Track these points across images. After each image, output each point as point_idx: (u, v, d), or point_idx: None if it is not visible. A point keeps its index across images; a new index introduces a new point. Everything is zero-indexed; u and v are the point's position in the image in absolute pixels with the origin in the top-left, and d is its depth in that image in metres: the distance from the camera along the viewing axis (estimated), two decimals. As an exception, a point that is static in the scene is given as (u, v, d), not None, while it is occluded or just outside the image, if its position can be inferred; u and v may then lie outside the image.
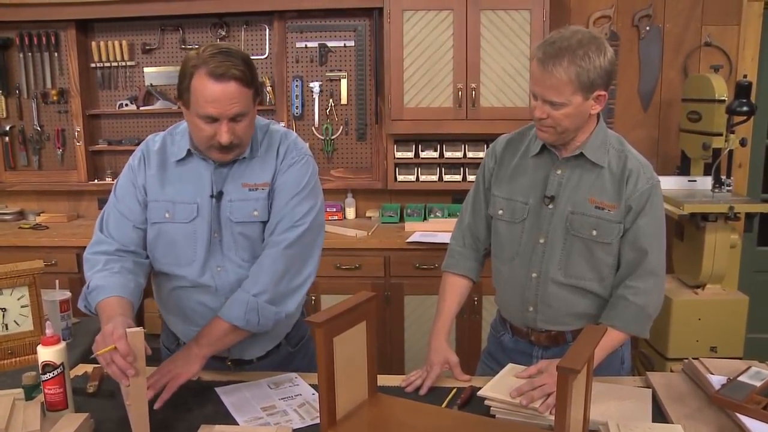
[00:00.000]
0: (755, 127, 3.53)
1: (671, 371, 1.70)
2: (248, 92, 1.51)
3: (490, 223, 1.77)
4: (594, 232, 1.59)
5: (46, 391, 1.47)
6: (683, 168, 3.37)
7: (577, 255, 1.62)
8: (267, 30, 3.60)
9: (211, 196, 1.61)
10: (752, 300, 3.61)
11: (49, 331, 1.50)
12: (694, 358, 1.65)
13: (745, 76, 2.94)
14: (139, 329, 1.33)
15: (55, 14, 3.49)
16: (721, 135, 2.97)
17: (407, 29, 3.27)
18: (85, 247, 3.42)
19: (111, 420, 1.49)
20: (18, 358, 1.88)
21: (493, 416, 1.46)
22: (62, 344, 1.49)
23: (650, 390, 1.57)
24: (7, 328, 1.88)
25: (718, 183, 3.05)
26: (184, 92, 1.51)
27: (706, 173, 3.20)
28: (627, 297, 1.59)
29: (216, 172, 1.63)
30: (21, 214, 3.88)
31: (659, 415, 1.46)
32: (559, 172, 1.63)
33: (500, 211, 1.71)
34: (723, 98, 2.96)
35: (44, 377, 1.47)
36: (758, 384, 1.44)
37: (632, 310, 1.58)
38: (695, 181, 3.25)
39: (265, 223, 1.63)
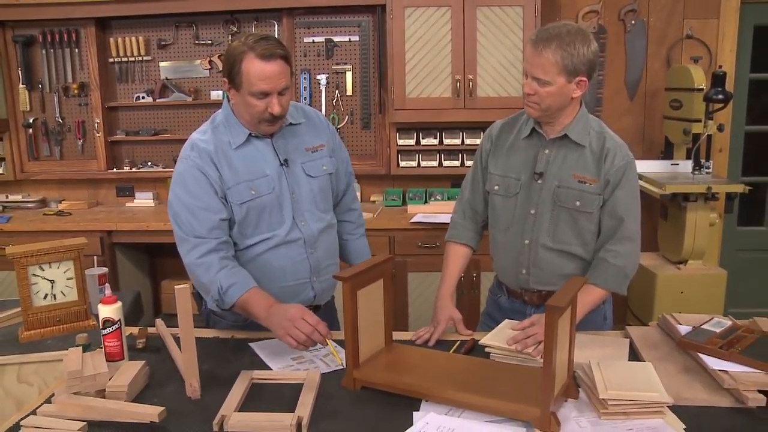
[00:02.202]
0: (734, 114, 3.77)
1: (648, 325, 1.94)
2: (289, 69, 1.80)
3: (487, 198, 2.00)
4: (577, 203, 1.82)
5: (106, 343, 1.69)
6: (667, 152, 3.61)
7: (563, 223, 1.85)
8: (276, 26, 3.81)
9: (281, 164, 1.89)
10: (734, 277, 3.86)
11: (108, 292, 1.72)
12: (667, 314, 1.89)
13: (720, 67, 3.18)
14: (186, 286, 1.51)
15: (75, 12, 3.70)
16: (700, 121, 3.20)
17: (408, 25, 3.49)
18: (108, 232, 3.65)
19: (161, 370, 1.72)
20: (65, 325, 2.08)
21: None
22: (119, 303, 1.72)
23: (628, 340, 1.80)
24: (55, 298, 2.08)
25: (697, 165, 3.29)
26: (236, 77, 1.76)
27: (688, 157, 3.45)
28: (607, 259, 1.83)
29: (276, 145, 1.90)
30: (43, 202, 4.09)
31: (635, 358, 1.69)
32: (546, 151, 1.87)
33: (496, 187, 1.95)
34: (701, 87, 3.19)
35: (104, 331, 1.69)
36: (718, 330, 1.68)
37: (612, 271, 1.82)
38: (677, 164, 3.50)
39: (331, 174, 1.99)
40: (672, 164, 3.50)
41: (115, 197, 4.12)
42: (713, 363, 1.54)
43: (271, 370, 1.70)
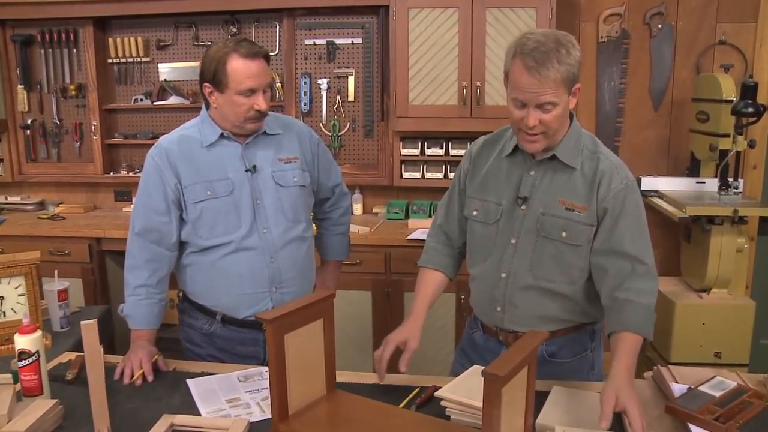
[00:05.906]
0: (772, 129, 3.42)
1: (643, 377, 1.68)
2: (269, 67, 1.85)
3: (462, 223, 1.77)
4: (564, 234, 1.57)
5: (22, 377, 1.54)
6: (693, 169, 3.30)
7: (547, 257, 1.60)
8: (277, 27, 3.64)
9: (247, 170, 1.87)
10: (768, 306, 3.50)
11: (26, 321, 1.56)
12: (662, 366, 1.63)
13: (750, 77, 2.86)
14: (93, 321, 1.37)
15: (74, 12, 3.60)
16: (728, 136, 2.89)
17: (413, 27, 3.27)
18: (97, 239, 3.54)
19: (83, 405, 1.54)
20: (14, 345, 1.95)
21: (449, 417, 1.47)
22: (38, 333, 1.56)
23: (613, 396, 1.55)
24: (4, 316, 1.96)
25: (724, 185, 2.97)
26: (222, 78, 1.77)
27: (717, 175, 3.13)
28: (632, 300, 1.52)
29: (245, 151, 1.88)
30: (41, 205, 4.01)
31: (618, 422, 1.44)
32: (532, 173, 1.63)
33: (474, 212, 1.71)
34: (731, 99, 2.88)
35: (20, 364, 1.53)
36: (717, 394, 1.42)
37: (641, 311, 1.51)
38: (704, 182, 3.19)
39: (303, 187, 1.96)
40: (698, 182, 3.19)
41: (113, 201, 4.02)
42: (704, 438, 1.28)
43: (199, 414, 1.51)
